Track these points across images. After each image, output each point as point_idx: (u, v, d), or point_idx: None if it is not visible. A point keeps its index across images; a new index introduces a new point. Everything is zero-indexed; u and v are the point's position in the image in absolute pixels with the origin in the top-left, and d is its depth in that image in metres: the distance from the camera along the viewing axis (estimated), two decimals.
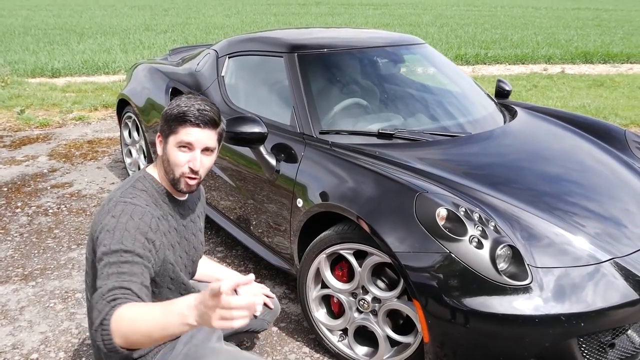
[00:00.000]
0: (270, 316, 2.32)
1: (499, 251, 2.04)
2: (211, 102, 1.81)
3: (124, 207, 1.69)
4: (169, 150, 1.76)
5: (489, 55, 12.64)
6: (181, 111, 1.72)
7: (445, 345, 2.08)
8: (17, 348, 2.60)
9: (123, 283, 1.53)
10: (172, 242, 1.83)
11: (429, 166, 2.56)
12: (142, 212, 1.69)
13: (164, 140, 1.78)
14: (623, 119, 6.88)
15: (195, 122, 1.72)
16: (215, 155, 1.85)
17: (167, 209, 1.83)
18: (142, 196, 1.76)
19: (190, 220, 1.96)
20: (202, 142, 1.74)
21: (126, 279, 1.55)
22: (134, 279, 1.56)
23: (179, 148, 1.74)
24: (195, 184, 1.80)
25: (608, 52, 13.09)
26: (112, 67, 10.55)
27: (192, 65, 4.05)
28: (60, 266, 3.33)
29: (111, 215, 1.67)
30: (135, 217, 1.66)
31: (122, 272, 1.56)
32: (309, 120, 2.86)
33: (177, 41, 13.77)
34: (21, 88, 8.52)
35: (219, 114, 1.79)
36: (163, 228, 1.77)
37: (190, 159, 1.74)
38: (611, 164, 2.92)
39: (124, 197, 1.73)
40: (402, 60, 3.62)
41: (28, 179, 4.80)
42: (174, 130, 1.73)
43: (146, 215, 1.69)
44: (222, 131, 1.82)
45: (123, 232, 1.62)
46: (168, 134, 1.75)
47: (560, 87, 9.32)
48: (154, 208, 1.77)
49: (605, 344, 2.11)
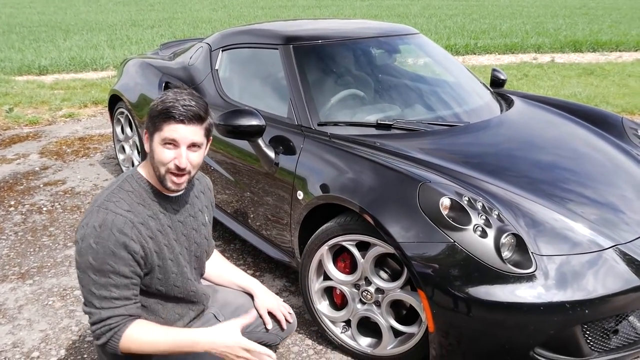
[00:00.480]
0: (285, 332, 2.25)
1: (503, 240, 2.04)
2: (199, 96, 1.77)
3: (105, 216, 1.67)
4: (154, 148, 1.72)
5: (479, 45, 12.65)
6: (165, 107, 1.68)
7: (450, 335, 2.08)
8: (17, 347, 2.57)
9: (121, 311, 1.69)
10: (164, 242, 1.80)
11: (429, 156, 2.55)
12: (123, 223, 1.68)
13: (150, 138, 1.74)
14: (615, 107, 6.92)
15: (179, 119, 1.67)
16: (204, 150, 1.80)
17: (156, 207, 1.79)
18: (127, 199, 1.73)
19: (190, 215, 1.92)
20: (188, 138, 1.70)
21: (120, 304, 1.69)
22: (127, 303, 1.70)
23: (164, 145, 1.70)
24: (183, 181, 1.76)
25: (597, 41, 13.14)
26: (100, 63, 10.45)
27: (184, 59, 4.02)
28: (57, 264, 3.30)
29: (93, 224, 1.67)
30: (114, 230, 1.66)
31: (115, 298, 1.68)
32: (307, 112, 2.84)
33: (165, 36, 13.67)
34: (8, 86, 8.42)
35: (205, 109, 1.74)
36: (149, 232, 1.74)
37: (176, 156, 1.70)
38: (608, 151, 2.92)
39: (107, 202, 1.71)
40: (397, 51, 3.61)
41: (20, 177, 4.75)
42: (158, 127, 1.69)
43: (126, 226, 1.68)
44: (209, 126, 1.78)
45: (106, 249, 1.65)
46: (153, 131, 1.72)
47: (551, 76, 9.36)
48: (140, 210, 1.74)
49: (609, 330, 2.12)
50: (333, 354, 2.52)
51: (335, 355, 2.52)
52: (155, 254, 1.76)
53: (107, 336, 1.68)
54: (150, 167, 1.79)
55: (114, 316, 1.68)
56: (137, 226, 1.70)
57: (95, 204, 1.72)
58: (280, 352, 2.54)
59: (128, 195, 1.75)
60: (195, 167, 1.78)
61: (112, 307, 1.68)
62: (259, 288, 2.16)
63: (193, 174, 1.79)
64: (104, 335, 1.69)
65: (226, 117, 2.62)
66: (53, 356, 2.51)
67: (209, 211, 2.07)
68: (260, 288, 2.16)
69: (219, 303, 2.11)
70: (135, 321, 1.71)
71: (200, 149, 1.77)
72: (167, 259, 1.80)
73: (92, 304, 1.69)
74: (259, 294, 2.14)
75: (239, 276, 2.22)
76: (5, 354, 2.52)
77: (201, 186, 2.04)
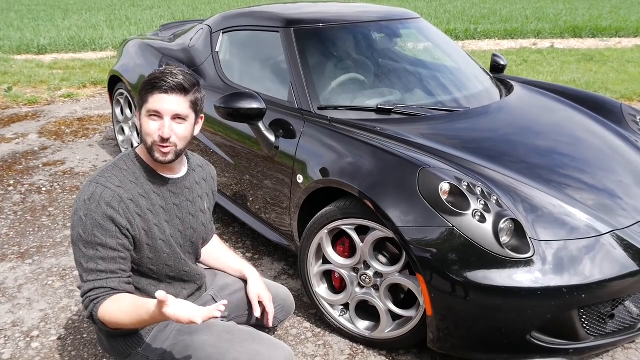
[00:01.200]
0: (283, 315, 2.28)
1: (501, 225, 2.05)
2: (190, 73, 1.79)
3: (94, 189, 1.71)
4: (142, 121, 1.76)
5: (479, 30, 12.60)
6: (150, 79, 1.72)
7: (448, 318, 2.10)
8: (17, 325, 2.59)
9: (102, 283, 1.70)
10: (154, 222, 1.81)
11: (429, 141, 2.56)
12: (111, 197, 1.71)
13: (139, 113, 1.78)
14: (613, 93, 6.91)
15: (163, 89, 1.70)
16: (192, 125, 1.81)
17: (149, 186, 1.81)
18: (119, 176, 1.76)
19: (187, 200, 1.93)
20: (170, 109, 1.72)
21: (103, 277, 1.70)
22: (111, 276, 1.71)
23: (149, 117, 1.73)
24: (170, 152, 1.76)
25: (597, 26, 13.10)
26: (99, 43, 10.41)
27: (185, 41, 4.00)
28: (56, 244, 3.31)
29: (83, 198, 1.71)
30: (102, 203, 1.69)
31: (101, 271, 1.69)
32: (307, 96, 2.84)
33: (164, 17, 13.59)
34: (7, 65, 8.39)
35: (192, 83, 1.76)
36: (137, 209, 1.76)
37: (160, 127, 1.72)
38: (607, 137, 2.93)
39: (99, 177, 1.75)
40: (398, 35, 3.59)
41: (19, 157, 4.74)
42: (145, 99, 1.73)
43: (114, 200, 1.70)
44: (196, 100, 1.78)
45: (93, 221, 1.68)
46: (141, 104, 1.76)
47: (550, 61, 9.33)
48: (131, 187, 1.76)
49: (605, 314, 2.15)
50: (331, 337, 2.55)
51: (334, 338, 2.54)
52: (144, 232, 1.78)
53: (89, 309, 1.71)
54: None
55: (96, 288, 1.70)
56: (125, 201, 1.73)
57: (88, 179, 1.76)
58: (279, 335, 2.56)
59: (121, 172, 1.78)
60: (182, 139, 1.78)
61: (97, 280, 1.70)
62: (253, 275, 2.17)
63: (180, 147, 1.78)
64: (87, 309, 1.72)
65: (226, 100, 2.62)
66: (53, 335, 2.53)
67: (209, 199, 2.07)
68: (255, 275, 2.17)
69: (217, 286, 2.14)
70: (118, 295, 1.71)
71: (185, 122, 1.77)
72: (157, 239, 1.81)
73: (81, 277, 1.73)
74: (252, 280, 2.15)
75: (235, 261, 2.24)
76: (5, 332, 2.55)
77: (204, 173, 2.05)
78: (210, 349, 1.79)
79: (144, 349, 1.84)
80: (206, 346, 1.80)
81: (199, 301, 2.04)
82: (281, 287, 2.30)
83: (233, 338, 1.82)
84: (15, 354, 2.41)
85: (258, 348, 1.80)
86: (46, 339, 2.51)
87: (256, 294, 2.11)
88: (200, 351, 1.79)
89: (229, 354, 1.77)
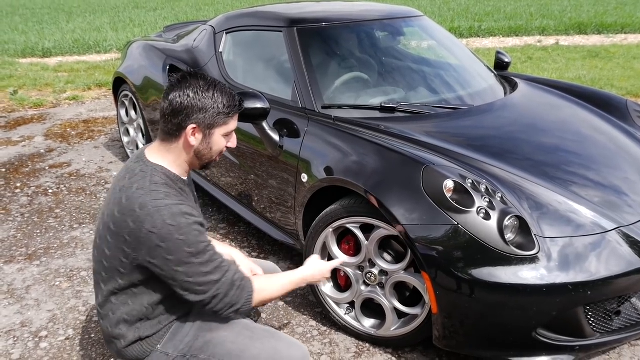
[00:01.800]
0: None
1: (506, 222, 2.05)
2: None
3: (168, 210, 1.66)
4: (216, 140, 1.80)
5: (483, 28, 12.56)
6: (234, 104, 1.79)
7: (454, 316, 2.10)
8: (25, 326, 2.61)
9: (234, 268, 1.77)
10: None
11: (433, 139, 2.56)
12: (184, 207, 1.69)
13: (208, 132, 1.77)
14: (619, 90, 6.89)
15: (238, 110, 1.82)
16: None
17: (184, 192, 1.83)
18: (168, 191, 1.72)
19: (193, 197, 1.97)
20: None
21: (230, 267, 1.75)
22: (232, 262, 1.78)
23: (225, 137, 1.83)
24: None
25: (602, 23, 13.03)
26: (104, 45, 10.44)
27: (188, 42, 4.01)
28: (63, 245, 3.33)
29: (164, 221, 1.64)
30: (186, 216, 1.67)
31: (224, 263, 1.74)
32: (311, 95, 2.84)
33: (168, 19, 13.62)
34: (12, 68, 8.43)
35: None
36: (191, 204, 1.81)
37: (229, 140, 1.86)
38: (612, 133, 2.92)
39: (157, 200, 1.68)
40: (401, 33, 3.60)
41: (26, 159, 4.77)
42: (225, 122, 1.79)
43: (187, 208, 1.70)
44: None
45: (190, 232, 1.67)
46: (216, 125, 1.78)
47: (555, 58, 9.30)
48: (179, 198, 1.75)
49: (611, 311, 2.15)
50: (337, 335, 2.56)
51: (340, 336, 2.55)
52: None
53: (243, 296, 1.75)
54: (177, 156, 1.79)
55: (237, 274, 1.75)
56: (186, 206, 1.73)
57: (147, 208, 1.66)
58: (285, 333, 2.57)
59: (166, 187, 1.73)
60: None
61: (229, 270, 1.74)
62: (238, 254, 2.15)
63: None
64: (241, 297, 1.74)
65: None
66: (61, 335, 2.55)
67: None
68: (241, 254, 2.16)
69: None
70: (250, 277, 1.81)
71: None
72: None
73: (213, 281, 1.70)
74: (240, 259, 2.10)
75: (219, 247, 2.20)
76: (14, 333, 2.56)
77: None
78: (230, 345, 1.80)
79: (163, 346, 1.84)
80: (226, 342, 1.81)
81: None
82: (266, 262, 2.31)
83: (253, 335, 1.83)
84: (24, 354, 2.43)
85: (277, 345, 1.81)
86: (55, 339, 2.53)
87: (249, 269, 2.11)
88: (220, 347, 1.80)
89: (249, 351, 1.78)
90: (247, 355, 1.77)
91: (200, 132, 1.76)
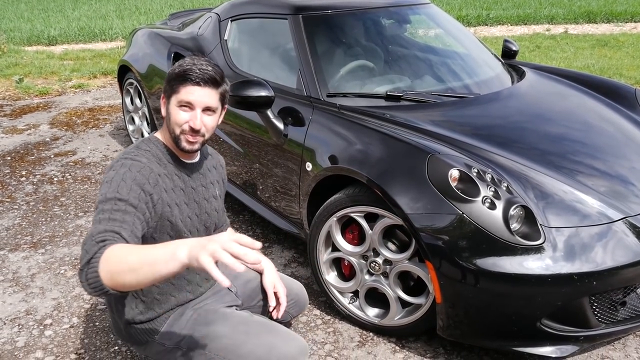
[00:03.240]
0: (296, 310, 2.24)
1: (511, 212, 2.04)
2: (215, 64, 1.81)
3: (124, 161, 1.71)
4: (171, 110, 1.77)
5: (491, 16, 12.45)
6: (183, 70, 1.73)
7: (458, 306, 2.09)
8: (30, 314, 2.62)
9: (114, 227, 1.51)
10: (176, 201, 1.82)
11: (439, 127, 2.54)
12: (141, 166, 1.71)
13: (167, 101, 1.79)
14: (628, 79, 6.82)
15: (195, 81, 1.72)
16: (219, 116, 1.84)
17: (171, 168, 1.83)
18: (145, 155, 1.78)
19: (202, 185, 1.94)
20: (203, 101, 1.74)
21: (117, 225, 1.52)
22: (124, 225, 1.54)
23: (180, 107, 1.75)
24: (197, 142, 1.79)
25: (612, 11, 12.88)
26: (109, 33, 10.42)
27: (193, 30, 3.99)
28: (68, 233, 3.34)
29: (112, 169, 1.70)
30: (133, 169, 1.69)
31: (114, 219, 1.54)
32: (316, 83, 2.82)
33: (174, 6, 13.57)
34: (18, 56, 8.43)
35: (221, 75, 1.78)
36: (164, 185, 1.77)
37: (191, 118, 1.75)
38: (620, 123, 2.89)
39: (125, 155, 1.76)
40: (407, 21, 3.56)
41: (31, 147, 4.78)
42: (175, 90, 1.74)
43: (144, 169, 1.71)
44: (224, 92, 1.81)
45: (119, 182, 1.64)
46: (170, 93, 1.76)
47: (564, 47, 9.22)
48: (156, 166, 1.78)
49: (617, 302, 2.13)
50: (341, 324, 2.55)
51: (343, 325, 2.54)
52: (168, 208, 1.78)
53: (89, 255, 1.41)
54: (166, 131, 1.83)
55: (106, 231, 1.48)
56: (154, 173, 1.74)
57: (114, 161, 1.75)
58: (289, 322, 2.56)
59: (145, 152, 1.79)
60: (209, 130, 1.81)
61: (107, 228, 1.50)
62: (269, 266, 2.16)
63: (207, 137, 1.82)
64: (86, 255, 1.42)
65: (235, 88, 2.61)
66: (65, 323, 2.56)
67: (220, 186, 2.08)
68: (271, 267, 2.16)
69: (231, 274, 2.13)
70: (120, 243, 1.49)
71: (214, 114, 1.80)
72: (178, 218, 1.81)
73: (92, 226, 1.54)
74: (268, 271, 2.14)
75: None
76: (19, 320, 2.57)
77: (214, 161, 2.07)
78: (226, 340, 1.80)
79: (160, 337, 1.85)
80: (222, 337, 1.80)
81: (212, 289, 2.04)
82: (295, 282, 2.26)
83: (249, 330, 1.83)
84: (29, 342, 2.44)
85: (273, 340, 1.80)
86: (59, 327, 2.53)
87: (272, 284, 2.10)
88: (216, 342, 1.80)
89: (245, 346, 1.77)
90: (242, 351, 1.77)
91: (165, 100, 1.81)
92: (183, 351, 1.82)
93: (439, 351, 2.38)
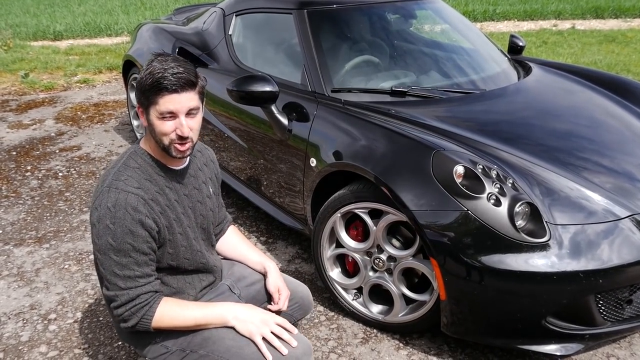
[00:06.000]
0: (300, 313, 2.21)
1: (517, 208, 2.02)
2: (184, 60, 1.71)
3: (117, 195, 1.65)
4: (153, 122, 1.68)
5: (498, 11, 12.38)
6: (155, 80, 1.62)
7: (462, 303, 2.08)
8: (35, 309, 2.62)
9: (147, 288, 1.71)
10: (175, 215, 1.79)
11: (444, 123, 2.52)
12: (136, 201, 1.66)
13: (145, 112, 1.70)
14: (636, 75, 6.77)
15: (172, 89, 1.62)
16: (201, 112, 1.77)
17: (162, 182, 1.78)
18: (135, 176, 1.71)
19: (194, 188, 1.91)
20: (184, 106, 1.66)
21: (143, 282, 1.71)
22: (150, 280, 1.73)
23: (162, 118, 1.66)
24: (187, 147, 1.73)
25: (620, 6, 12.78)
26: (115, 28, 10.42)
27: (198, 25, 3.98)
28: (73, 228, 3.34)
29: (106, 205, 1.65)
30: (129, 209, 1.65)
31: (139, 276, 1.70)
32: (321, 78, 2.81)
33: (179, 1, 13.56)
34: (24, 51, 8.44)
35: (195, 73, 1.69)
36: (159, 208, 1.74)
37: (177, 126, 1.67)
38: (628, 119, 2.87)
39: (116, 181, 1.69)
40: (413, 16, 3.54)
41: (36, 142, 4.78)
42: (152, 101, 1.65)
43: (139, 204, 1.67)
44: (202, 88, 1.73)
45: (124, 228, 1.64)
46: (147, 105, 1.67)
47: (571, 43, 9.16)
48: (148, 186, 1.73)
49: (623, 300, 2.11)
50: (345, 321, 2.54)
51: (347, 322, 2.54)
52: (166, 229, 1.76)
53: (138, 315, 1.70)
54: (151, 140, 1.75)
55: (143, 294, 1.70)
56: (148, 202, 1.70)
57: (104, 184, 1.70)
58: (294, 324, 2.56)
59: (135, 172, 1.73)
60: (196, 131, 1.75)
61: (138, 286, 1.69)
62: (273, 269, 2.14)
63: (195, 139, 1.76)
64: (135, 315, 1.70)
65: (239, 83, 2.60)
66: (69, 318, 2.56)
67: (213, 183, 2.04)
68: (275, 270, 2.14)
69: (234, 276, 2.11)
70: (162, 298, 1.76)
71: (198, 112, 1.73)
72: (176, 232, 1.80)
73: (117, 285, 1.68)
74: (272, 274, 2.12)
75: (255, 255, 2.18)
76: (24, 315, 2.58)
77: (204, 158, 2.02)
78: (229, 341, 1.78)
79: (162, 339, 1.84)
80: (225, 339, 1.79)
81: (215, 291, 2.03)
82: (301, 285, 2.22)
83: None
84: (34, 336, 2.44)
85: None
86: (63, 322, 2.54)
87: (276, 287, 2.07)
88: (219, 344, 1.78)
89: (248, 348, 1.76)
90: (246, 352, 1.75)
91: (142, 110, 1.72)
92: (186, 354, 1.81)
93: (443, 348, 2.37)
